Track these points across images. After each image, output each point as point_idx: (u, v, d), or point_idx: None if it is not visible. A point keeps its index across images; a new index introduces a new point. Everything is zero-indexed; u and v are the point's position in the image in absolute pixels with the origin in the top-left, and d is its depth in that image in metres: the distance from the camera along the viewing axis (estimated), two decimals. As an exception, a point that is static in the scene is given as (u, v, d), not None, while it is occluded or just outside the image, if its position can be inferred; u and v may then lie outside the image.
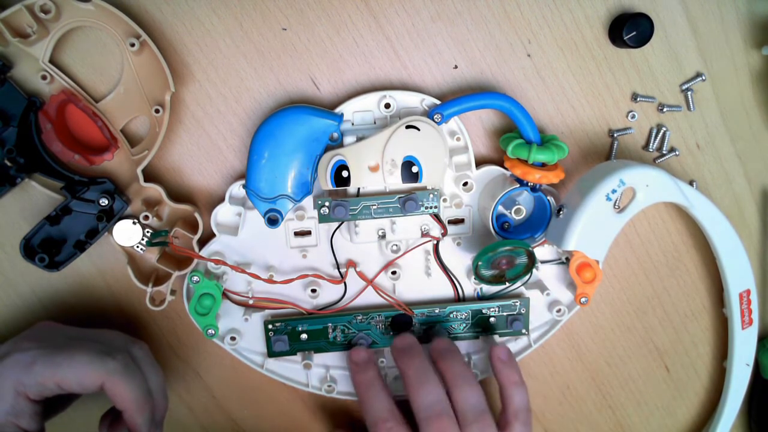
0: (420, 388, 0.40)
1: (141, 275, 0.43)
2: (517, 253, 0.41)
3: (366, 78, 0.41)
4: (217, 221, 0.42)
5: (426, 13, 0.40)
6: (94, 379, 0.37)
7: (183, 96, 0.41)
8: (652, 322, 0.49)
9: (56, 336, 0.40)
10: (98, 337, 0.40)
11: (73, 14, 0.37)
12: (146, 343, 0.41)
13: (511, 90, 0.42)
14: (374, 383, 0.42)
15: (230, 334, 0.44)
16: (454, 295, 0.45)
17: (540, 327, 0.47)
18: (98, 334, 0.41)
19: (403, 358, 0.42)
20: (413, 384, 0.40)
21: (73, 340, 0.39)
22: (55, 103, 0.38)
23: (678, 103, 0.44)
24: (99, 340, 0.39)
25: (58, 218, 0.40)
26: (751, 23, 0.42)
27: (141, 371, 0.39)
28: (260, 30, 0.40)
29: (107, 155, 0.40)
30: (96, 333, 0.41)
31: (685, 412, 0.52)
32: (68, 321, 0.43)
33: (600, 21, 0.41)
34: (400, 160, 0.39)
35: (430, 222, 0.41)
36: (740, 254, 0.44)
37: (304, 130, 0.39)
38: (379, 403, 0.41)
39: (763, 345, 0.48)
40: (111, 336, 0.41)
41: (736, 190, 0.46)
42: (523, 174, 0.39)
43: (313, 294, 0.44)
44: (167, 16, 0.39)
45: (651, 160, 0.45)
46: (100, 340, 0.40)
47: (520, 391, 0.42)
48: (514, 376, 0.43)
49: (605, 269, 0.47)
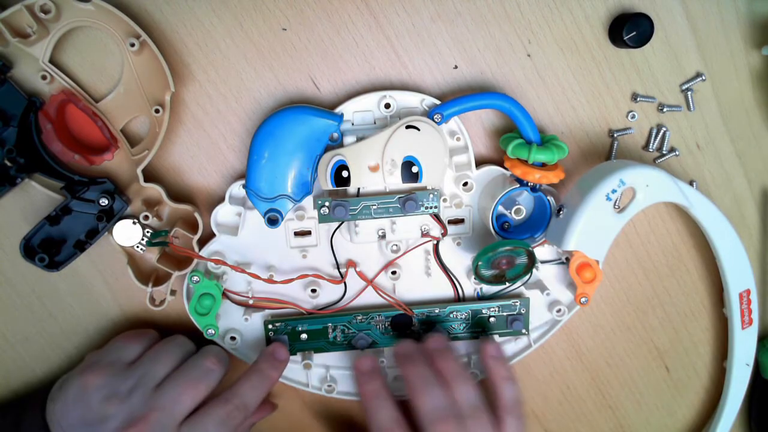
0: (423, 394, 0.40)
1: (141, 275, 0.43)
2: (517, 253, 0.41)
3: (366, 78, 0.41)
4: (217, 221, 0.42)
5: (426, 13, 0.40)
6: (212, 390, 0.41)
7: (183, 96, 0.41)
8: (652, 322, 0.49)
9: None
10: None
11: (73, 14, 0.37)
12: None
13: (511, 90, 0.42)
14: (380, 393, 0.42)
15: (230, 334, 0.44)
16: (454, 295, 0.45)
17: (540, 327, 0.47)
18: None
19: (406, 365, 0.42)
20: (416, 390, 0.41)
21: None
22: (55, 103, 0.38)
23: (678, 103, 0.44)
24: (157, 359, 0.41)
25: (58, 218, 0.40)
26: (751, 23, 0.42)
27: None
28: (260, 30, 0.40)
29: (107, 155, 0.40)
30: (129, 350, 0.42)
31: (685, 412, 0.52)
32: (69, 321, 0.43)
33: (600, 21, 0.41)
34: (400, 160, 0.39)
35: (430, 222, 0.41)
36: (740, 254, 0.44)
37: (304, 130, 0.39)
38: (384, 412, 0.41)
39: (763, 345, 0.48)
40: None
41: (736, 190, 0.46)
42: (523, 174, 0.39)
43: (313, 294, 0.44)
44: (167, 16, 0.39)
45: (651, 160, 0.45)
46: (157, 360, 0.41)
47: (510, 385, 0.43)
48: (503, 371, 0.43)
49: (605, 269, 0.47)
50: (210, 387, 0.40)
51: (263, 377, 0.42)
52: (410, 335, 0.45)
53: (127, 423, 0.38)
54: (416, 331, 0.45)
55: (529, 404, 0.51)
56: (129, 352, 0.41)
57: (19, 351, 0.45)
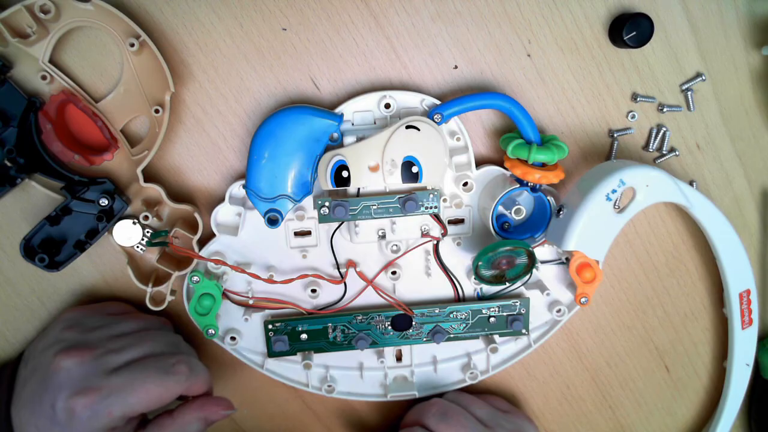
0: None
1: (141, 275, 0.43)
2: (517, 253, 0.41)
3: (366, 78, 0.41)
4: (217, 221, 0.42)
5: (426, 13, 0.40)
6: (172, 397, 0.39)
7: (183, 96, 0.41)
8: (652, 322, 0.49)
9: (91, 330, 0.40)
10: (139, 339, 0.41)
11: (73, 14, 0.37)
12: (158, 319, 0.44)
13: (511, 90, 0.42)
14: None
15: (230, 334, 0.44)
16: (454, 295, 0.45)
17: (540, 327, 0.47)
18: (123, 324, 0.41)
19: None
20: None
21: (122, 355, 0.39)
22: (55, 103, 0.38)
23: (678, 103, 0.44)
24: (138, 343, 0.40)
25: (58, 218, 0.40)
26: (751, 23, 0.42)
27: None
28: (260, 30, 0.40)
29: (107, 155, 0.40)
30: (122, 324, 0.41)
31: (685, 412, 0.52)
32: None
33: (600, 21, 0.41)
34: (400, 160, 0.39)
35: (430, 222, 0.41)
36: (740, 254, 0.44)
37: (304, 130, 0.39)
38: None
39: (763, 345, 0.48)
40: (144, 327, 0.42)
41: (736, 190, 0.46)
42: (523, 174, 0.39)
43: (313, 294, 0.44)
44: (167, 16, 0.39)
45: (651, 160, 0.45)
46: (139, 344, 0.40)
47: (477, 402, 0.46)
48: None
49: (605, 269, 0.47)
50: (171, 391, 0.39)
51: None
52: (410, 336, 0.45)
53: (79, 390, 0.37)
54: (416, 329, 0.45)
55: (529, 404, 0.51)
56: (116, 326, 0.41)
57: (19, 351, 0.45)
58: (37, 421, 0.37)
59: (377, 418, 0.50)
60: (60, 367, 0.37)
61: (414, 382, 0.47)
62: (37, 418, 0.37)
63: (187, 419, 0.39)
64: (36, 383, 0.38)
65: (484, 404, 0.46)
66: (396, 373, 0.47)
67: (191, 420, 0.39)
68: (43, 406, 0.37)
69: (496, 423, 0.45)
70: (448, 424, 0.43)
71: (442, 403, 0.45)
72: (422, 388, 0.48)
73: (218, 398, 0.40)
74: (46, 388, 0.37)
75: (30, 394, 0.38)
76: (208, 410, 0.40)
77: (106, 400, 0.36)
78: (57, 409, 0.36)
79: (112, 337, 0.40)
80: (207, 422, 0.40)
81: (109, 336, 0.40)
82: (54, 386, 0.37)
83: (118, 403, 0.37)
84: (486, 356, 0.47)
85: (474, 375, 0.47)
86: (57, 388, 0.37)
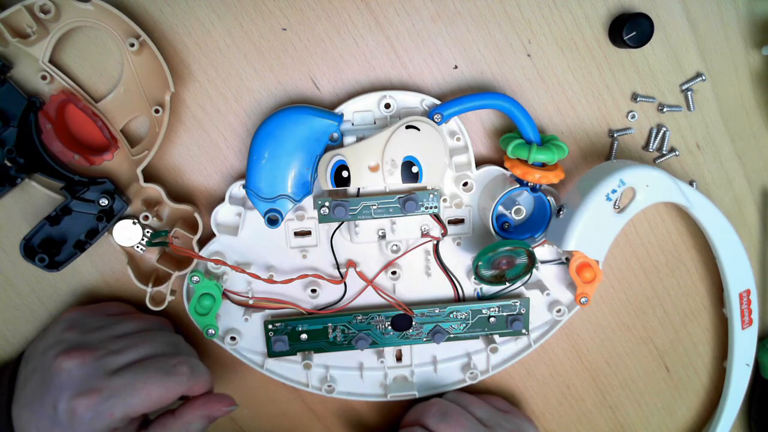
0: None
1: (141, 275, 0.43)
2: (517, 253, 0.41)
3: (366, 78, 0.41)
4: (217, 221, 0.42)
5: (426, 13, 0.40)
6: (174, 397, 0.38)
7: (183, 96, 0.41)
8: (652, 322, 0.49)
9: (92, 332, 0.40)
10: (139, 340, 0.40)
11: (73, 14, 0.37)
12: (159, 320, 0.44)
13: (511, 90, 0.42)
14: None
15: (230, 334, 0.44)
16: (454, 295, 0.45)
17: (540, 327, 0.47)
18: (126, 324, 0.41)
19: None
20: None
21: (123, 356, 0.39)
22: (55, 103, 0.38)
23: (678, 103, 0.44)
24: (139, 344, 0.40)
25: (58, 218, 0.40)
26: (751, 23, 0.42)
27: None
28: (260, 30, 0.40)
29: (107, 155, 0.40)
30: (123, 324, 0.41)
31: (685, 412, 0.52)
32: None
33: (600, 21, 0.41)
34: (400, 160, 0.39)
35: (430, 222, 0.41)
36: (740, 254, 0.44)
37: (304, 130, 0.39)
38: None
39: (763, 345, 0.48)
40: (147, 328, 0.42)
41: (736, 190, 0.46)
42: (523, 174, 0.39)
43: (313, 294, 0.44)
44: (167, 16, 0.39)
45: (651, 160, 0.45)
46: (139, 344, 0.40)
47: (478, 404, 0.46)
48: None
49: (605, 269, 0.47)
50: (171, 391, 0.39)
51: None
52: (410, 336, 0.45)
53: (81, 391, 0.37)
54: (415, 328, 0.45)
55: (529, 404, 0.51)
56: (117, 327, 0.41)
57: (20, 351, 0.45)
58: (38, 422, 0.37)
59: (377, 418, 0.50)
60: (61, 368, 0.37)
61: (414, 382, 0.47)
62: (39, 419, 0.37)
63: (190, 417, 0.39)
64: (37, 384, 0.38)
65: (484, 404, 0.46)
66: (396, 373, 0.47)
67: (194, 418, 0.39)
68: (44, 407, 0.37)
69: (496, 423, 0.45)
70: (448, 424, 0.43)
71: (442, 403, 0.45)
72: (422, 388, 0.48)
73: (220, 395, 0.41)
74: (47, 389, 0.37)
75: (31, 394, 0.38)
76: (210, 407, 0.39)
77: (107, 401, 0.36)
78: (59, 410, 0.36)
79: (113, 337, 0.40)
80: (210, 419, 0.40)
81: (110, 337, 0.40)
82: (55, 387, 0.37)
83: (119, 404, 0.37)
84: (486, 356, 0.47)
85: (474, 375, 0.47)
86: (58, 390, 0.37)
